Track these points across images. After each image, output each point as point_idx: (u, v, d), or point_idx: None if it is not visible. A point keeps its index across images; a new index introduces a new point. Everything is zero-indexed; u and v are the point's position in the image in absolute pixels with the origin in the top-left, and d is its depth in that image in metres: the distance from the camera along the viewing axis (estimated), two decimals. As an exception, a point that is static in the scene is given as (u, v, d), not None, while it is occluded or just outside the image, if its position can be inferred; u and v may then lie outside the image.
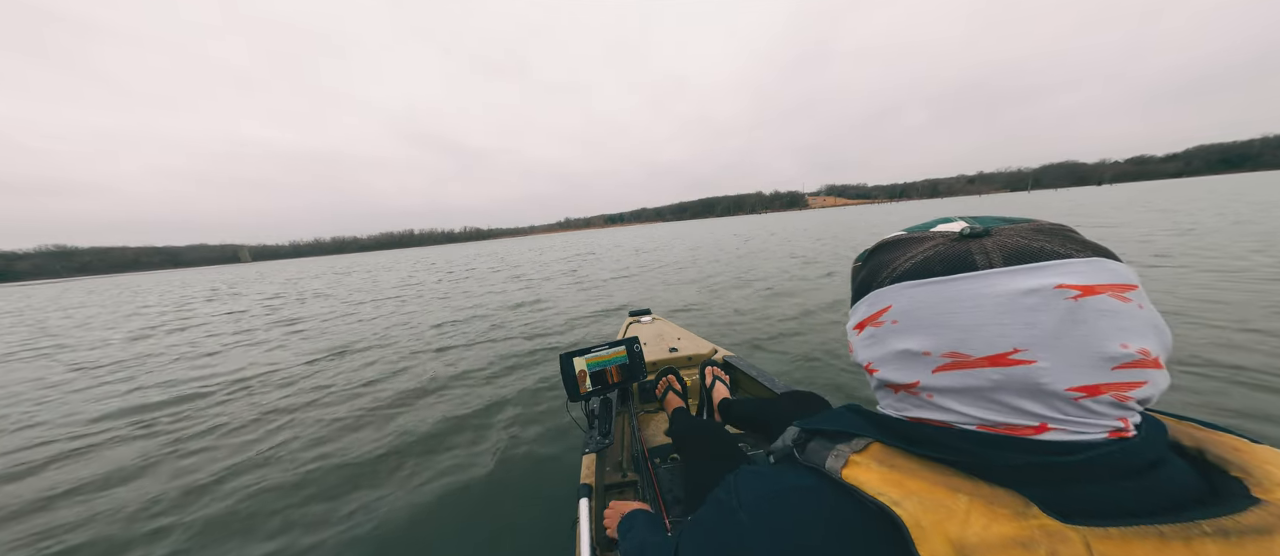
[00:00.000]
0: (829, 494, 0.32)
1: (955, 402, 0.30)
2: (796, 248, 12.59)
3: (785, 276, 7.18)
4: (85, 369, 5.05)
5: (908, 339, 0.31)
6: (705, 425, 1.09)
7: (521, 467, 2.06)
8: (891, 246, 0.36)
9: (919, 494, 0.27)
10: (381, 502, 1.86)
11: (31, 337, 8.14)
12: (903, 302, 0.32)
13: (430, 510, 1.80)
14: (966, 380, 0.29)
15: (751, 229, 36.12)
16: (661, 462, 1.49)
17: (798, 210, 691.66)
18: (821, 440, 0.35)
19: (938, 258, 0.31)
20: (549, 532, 1.61)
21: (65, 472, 2.38)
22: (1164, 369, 0.28)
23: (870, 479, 0.30)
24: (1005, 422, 0.28)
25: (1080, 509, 0.25)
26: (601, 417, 1.28)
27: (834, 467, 0.32)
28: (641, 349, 1.40)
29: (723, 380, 1.41)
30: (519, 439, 2.32)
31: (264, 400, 3.33)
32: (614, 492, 1.43)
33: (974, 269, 0.29)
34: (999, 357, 0.27)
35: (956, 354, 0.29)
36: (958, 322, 0.29)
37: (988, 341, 0.27)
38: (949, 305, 0.29)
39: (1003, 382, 0.27)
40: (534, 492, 1.86)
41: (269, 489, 2.06)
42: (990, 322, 0.28)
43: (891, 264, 0.34)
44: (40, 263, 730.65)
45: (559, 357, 1.29)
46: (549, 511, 1.73)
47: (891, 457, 0.31)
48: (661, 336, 2.44)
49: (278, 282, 20.34)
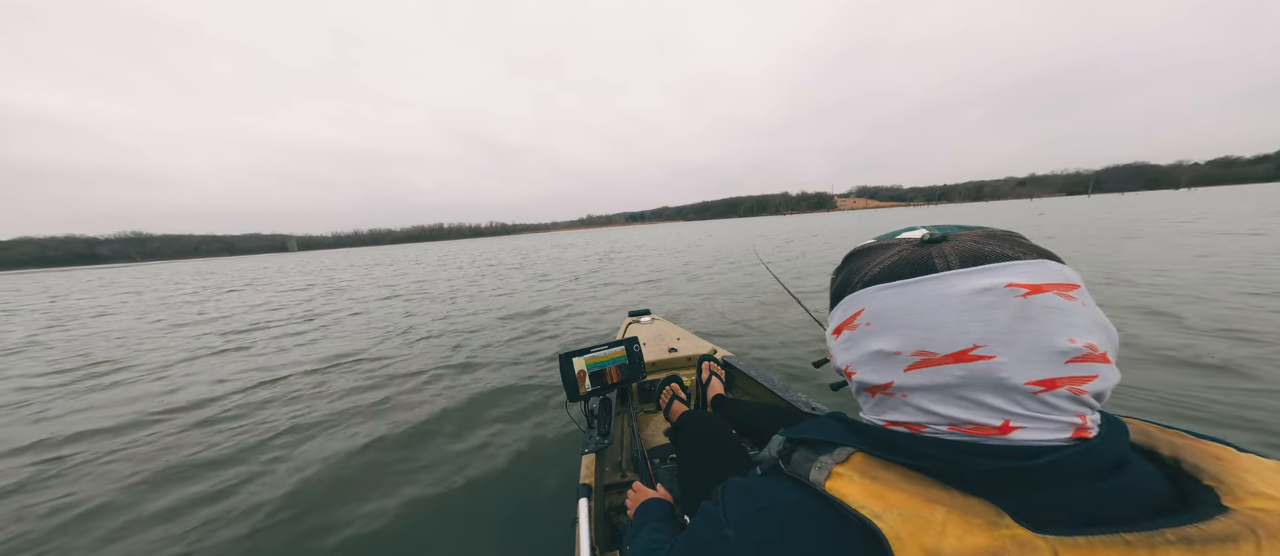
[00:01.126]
0: (813, 506, 0.32)
1: (926, 401, 0.31)
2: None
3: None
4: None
5: (880, 340, 0.33)
6: (705, 423, 1.08)
7: (521, 467, 2.07)
8: (863, 254, 0.38)
9: (899, 506, 0.28)
10: (381, 501, 1.87)
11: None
12: (874, 305, 0.34)
13: (429, 510, 1.81)
14: (935, 378, 0.30)
15: (787, 229, 34.86)
16: (661, 463, 1.48)
17: (826, 212, 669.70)
18: (805, 450, 0.36)
19: (903, 262, 0.33)
20: (549, 532, 1.62)
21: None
22: (1112, 364, 0.30)
23: (852, 491, 0.30)
24: (972, 421, 0.30)
25: (1050, 516, 0.26)
26: (601, 418, 1.28)
27: (817, 480, 0.33)
28: (641, 349, 1.39)
29: (718, 376, 1.40)
30: (518, 438, 2.33)
31: (287, 389, 3.55)
32: (614, 492, 1.44)
33: (933, 271, 0.31)
34: (961, 353, 0.29)
35: (924, 352, 0.30)
36: (923, 322, 0.30)
37: (950, 338, 0.29)
38: (914, 305, 0.31)
39: (967, 378, 0.29)
40: (533, 492, 1.87)
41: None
42: (951, 321, 0.29)
43: (862, 270, 0.36)
44: (119, 248, 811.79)
45: (558, 357, 1.30)
46: (549, 511, 1.74)
47: (873, 468, 0.31)
48: (661, 336, 2.43)
49: (355, 271, 19.24)
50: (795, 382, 2.81)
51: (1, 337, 6.98)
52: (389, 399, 3.05)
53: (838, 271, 0.41)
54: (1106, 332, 0.30)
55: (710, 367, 1.44)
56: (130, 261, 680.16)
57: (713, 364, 1.47)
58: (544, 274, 11.07)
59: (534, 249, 32.26)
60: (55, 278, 61.14)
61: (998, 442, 0.29)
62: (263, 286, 14.03)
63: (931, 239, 0.34)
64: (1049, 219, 21.62)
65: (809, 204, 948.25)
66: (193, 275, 30.52)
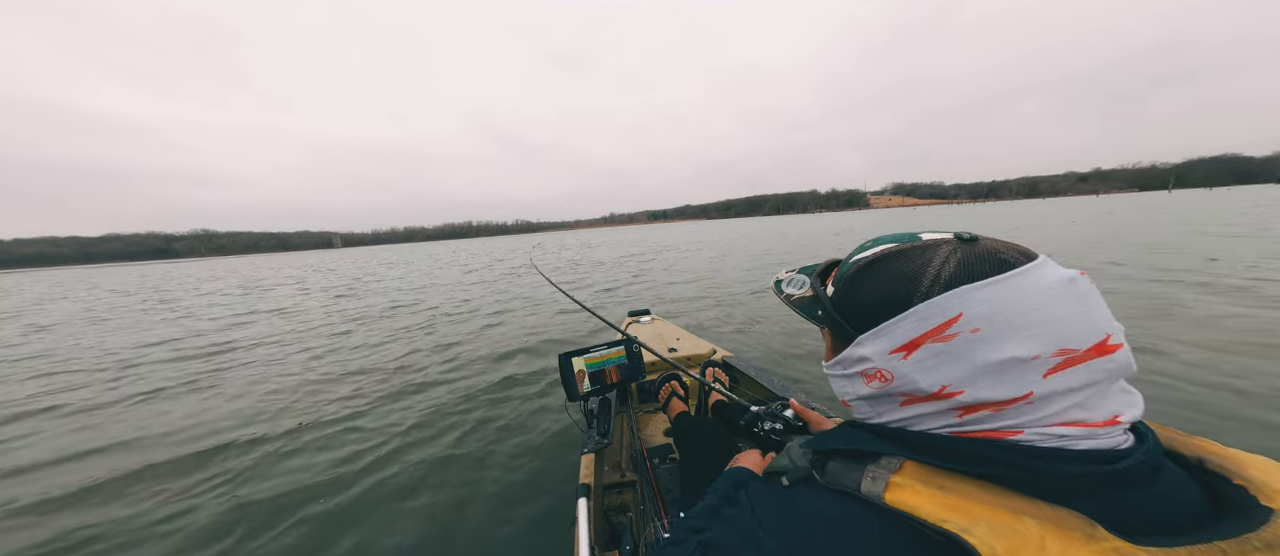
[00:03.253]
0: (872, 520, 0.30)
1: (1063, 406, 0.28)
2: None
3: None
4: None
5: (1005, 345, 0.27)
6: (706, 424, 1.08)
7: (520, 467, 2.08)
8: (901, 257, 0.33)
9: (986, 519, 0.25)
10: (379, 502, 1.90)
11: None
12: (977, 307, 0.28)
13: (429, 509, 1.83)
14: (1084, 376, 0.27)
15: (837, 225, 33.32)
16: (660, 463, 1.48)
17: (856, 210, 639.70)
18: (844, 461, 0.33)
19: (975, 259, 0.30)
20: (548, 532, 1.64)
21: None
22: None
23: (922, 503, 0.28)
24: (1085, 418, 0.28)
25: (1124, 523, 0.25)
26: (600, 417, 1.29)
27: (873, 491, 0.30)
28: (640, 349, 1.39)
29: (722, 382, 1.38)
30: (517, 438, 2.35)
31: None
32: (613, 492, 1.45)
33: (1013, 266, 0.29)
34: (1101, 346, 0.27)
35: (1066, 350, 0.27)
36: (1050, 315, 0.27)
37: (1086, 332, 0.27)
38: (1033, 300, 0.27)
39: (1114, 371, 0.27)
40: (533, 492, 1.89)
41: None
42: (1077, 313, 0.27)
43: (924, 272, 0.31)
44: (190, 244, 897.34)
45: (558, 357, 1.31)
46: (548, 511, 1.75)
47: (934, 477, 0.29)
48: (661, 336, 2.42)
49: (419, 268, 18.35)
50: (797, 384, 2.74)
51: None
52: (375, 400, 3.19)
53: (855, 282, 0.36)
54: None
55: (713, 373, 1.42)
56: (199, 256, 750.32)
57: (715, 369, 1.45)
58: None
59: (566, 244, 32.77)
60: (195, 267, 67.93)
61: (1084, 447, 0.27)
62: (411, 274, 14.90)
63: (970, 237, 0.32)
64: (1111, 217, 19.64)
65: (839, 202, 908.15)
66: (317, 264, 33.18)
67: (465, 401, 2.95)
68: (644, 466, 1.35)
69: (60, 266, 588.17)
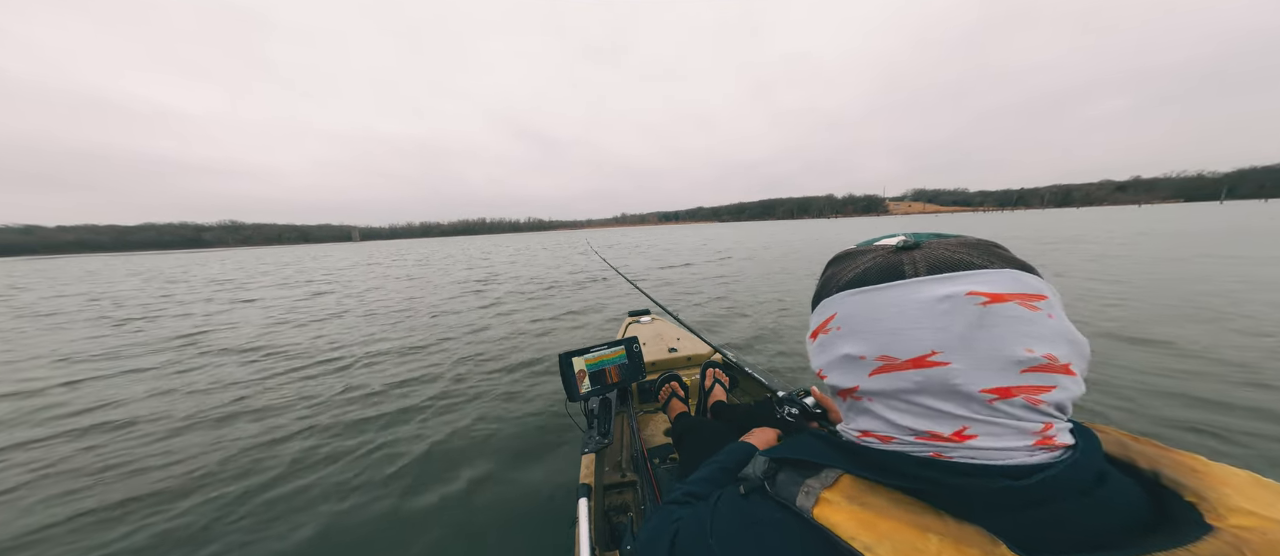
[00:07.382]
0: (806, 536, 0.31)
1: (887, 408, 0.32)
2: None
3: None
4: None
5: (848, 344, 0.34)
6: (706, 424, 1.08)
7: (520, 467, 2.09)
8: (842, 259, 0.39)
9: (891, 535, 0.27)
10: (377, 504, 1.90)
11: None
12: (844, 310, 0.34)
13: (428, 509, 1.84)
14: (895, 383, 0.31)
15: (868, 231, 32.01)
16: (661, 463, 1.47)
17: (874, 216, 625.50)
18: (791, 472, 0.36)
19: (875, 268, 0.34)
20: (549, 532, 1.64)
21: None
22: (1076, 376, 0.29)
23: (842, 520, 0.30)
24: (929, 430, 0.30)
25: (1040, 538, 0.26)
26: (600, 417, 1.29)
27: (804, 506, 0.32)
28: (640, 349, 1.39)
29: (722, 383, 1.38)
30: (517, 438, 2.36)
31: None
32: (613, 492, 1.45)
33: (902, 278, 0.31)
34: (920, 359, 0.29)
35: (886, 357, 0.31)
36: (886, 327, 0.31)
37: (909, 344, 0.30)
38: (879, 311, 0.32)
39: (924, 384, 0.29)
40: (533, 493, 1.89)
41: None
42: (911, 327, 0.30)
43: (838, 275, 0.37)
44: (219, 235, 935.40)
45: (558, 357, 1.31)
46: (548, 511, 1.76)
47: (862, 493, 0.31)
48: (661, 336, 2.42)
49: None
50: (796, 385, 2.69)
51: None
52: (376, 398, 3.26)
53: (820, 278, 0.41)
54: (1073, 345, 0.29)
55: (714, 374, 1.42)
56: (227, 246, 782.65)
57: (716, 370, 1.44)
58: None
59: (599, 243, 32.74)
60: (243, 254, 68.51)
61: (996, 462, 0.28)
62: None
63: (906, 245, 0.34)
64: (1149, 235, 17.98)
65: (856, 207, 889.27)
66: (362, 257, 33.78)
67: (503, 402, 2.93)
68: (644, 466, 1.35)
69: (99, 253, 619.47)
